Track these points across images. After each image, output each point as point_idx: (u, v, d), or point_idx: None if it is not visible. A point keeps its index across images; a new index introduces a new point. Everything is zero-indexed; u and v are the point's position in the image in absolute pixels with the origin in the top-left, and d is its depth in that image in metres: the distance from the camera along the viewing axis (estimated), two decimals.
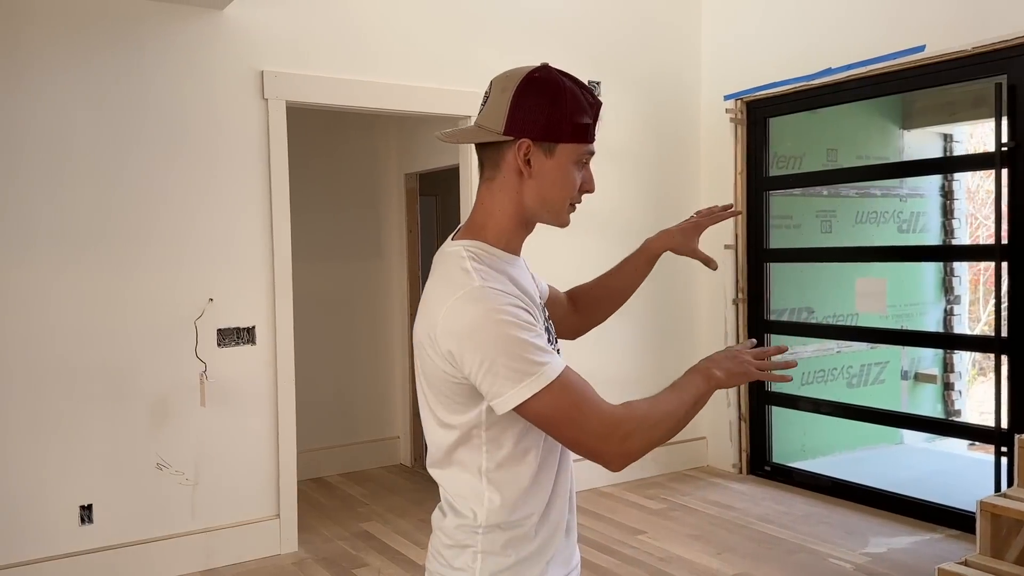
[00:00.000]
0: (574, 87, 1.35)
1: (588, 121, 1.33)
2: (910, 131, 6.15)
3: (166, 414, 3.62)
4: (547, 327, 1.39)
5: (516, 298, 1.27)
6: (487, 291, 1.24)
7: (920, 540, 3.89)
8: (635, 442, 1.25)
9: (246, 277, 3.79)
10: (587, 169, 1.37)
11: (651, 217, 5.05)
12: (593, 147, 1.36)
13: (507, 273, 1.32)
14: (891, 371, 6.03)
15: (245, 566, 3.73)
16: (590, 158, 1.37)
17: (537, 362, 1.21)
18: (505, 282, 1.29)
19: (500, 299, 1.24)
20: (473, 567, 1.32)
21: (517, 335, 1.22)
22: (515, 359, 1.21)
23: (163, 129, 3.60)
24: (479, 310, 1.23)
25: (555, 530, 1.38)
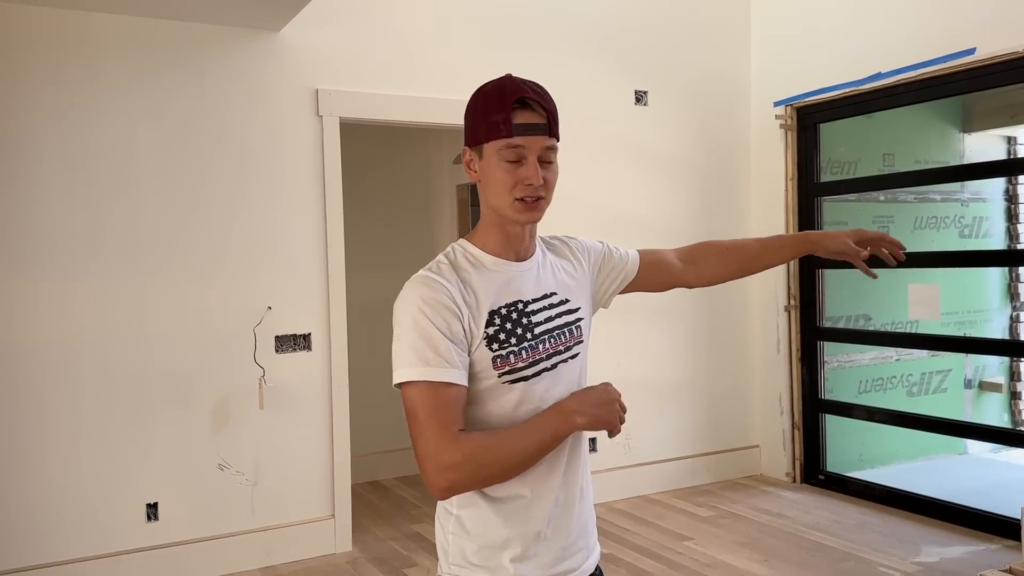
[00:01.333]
0: (494, 86, 1.40)
1: (499, 117, 1.36)
2: (971, 134, 6.01)
3: (227, 417, 3.80)
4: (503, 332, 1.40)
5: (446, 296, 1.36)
6: (426, 278, 1.38)
7: (975, 550, 3.81)
8: (456, 476, 1.28)
9: (302, 286, 3.96)
10: (528, 163, 1.37)
11: (701, 224, 5.07)
12: (514, 140, 1.36)
13: (469, 278, 1.41)
14: (954, 380, 5.89)
15: (301, 564, 3.88)
16: (522, 151, 1.37)
17: (418, 357, 1.31)
18: (458, 283, 1.39)
19: (427, 290, 1.36)
20: (447, 548, 1.46)
21: (417, 323, 1.33)
22: (407, 343, 1.34)
23: (223, 145, 3.80)
24: (408, 291, 1.39)
25: (530, 520, 1.41)
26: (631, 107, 4.85)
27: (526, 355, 1.41)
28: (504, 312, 1.41)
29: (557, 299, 1.50)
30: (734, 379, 5.21)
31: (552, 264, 1.55)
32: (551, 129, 1.39)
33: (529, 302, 1.45)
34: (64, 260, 3.52)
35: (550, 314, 1.47)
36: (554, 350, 1.45)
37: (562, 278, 1.54)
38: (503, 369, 1.39)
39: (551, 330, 1.46)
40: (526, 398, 1.41)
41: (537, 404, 1.41)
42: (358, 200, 5.08)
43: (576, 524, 1.48)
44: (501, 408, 1.40)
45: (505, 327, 1.40)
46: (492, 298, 1.41)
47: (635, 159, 4.86)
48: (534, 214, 1.41)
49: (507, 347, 1.39)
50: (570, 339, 1.49)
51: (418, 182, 5.60)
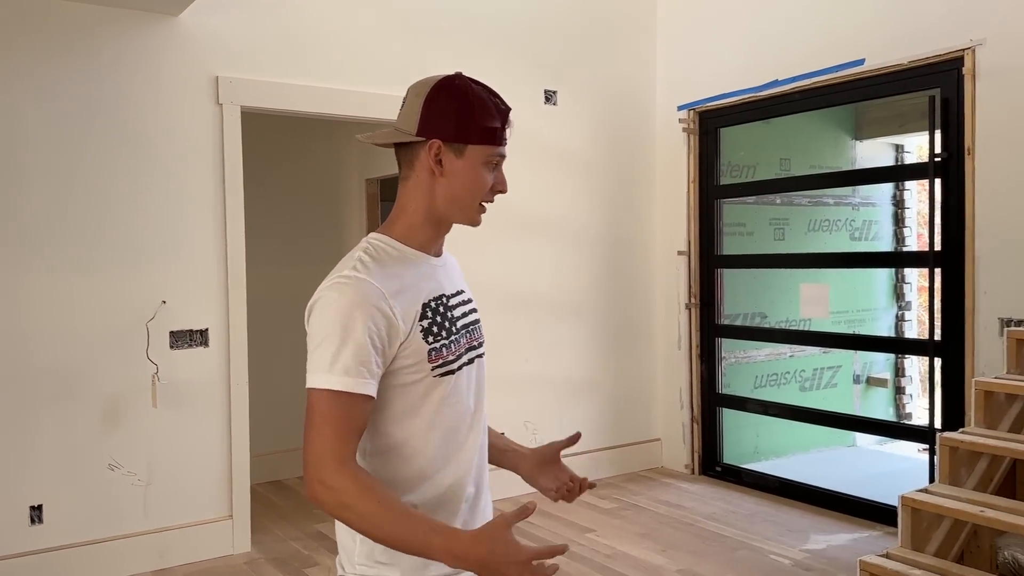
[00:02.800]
0: (483, 93, 1.42)
1: (496, 125, 1.40)
2: (862, 141, 6.32)
3: (118, 415, 3.66)
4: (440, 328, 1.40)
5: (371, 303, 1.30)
6: (355, 280, 1.31)
7: (859, 537, 4.01)
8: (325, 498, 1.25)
9: (200, 280, 3.84)
10: (499, 171, 1.44)
11: (606, 224, 5.16)
12: (503, 150, 1.43)
13: (397, 271, 1.37)
14: (843, 375, 6.18)
15: (197, 565, 3.78)
16: (501, 160, 1.44)
17: (332, 364, 1.27)
18: (382, 277, 1.34)
19: (356, 294, 1.30)
20: (352, 547, 1.40)
21: (340, 333, 1.28)
22: (325, 348, 1.28)
23: (117, 132, 3.66)
24: (334, 295, 1.31)
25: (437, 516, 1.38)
26: (540, 106, 4.89)
27: (455, 348, 1.41)
28: (434, 306, 1.40)
29: (466, 297, 1.53)
30: (637, 375, 5.33)
31: (456, 267, 1.57)
32: None
33: (449, 296, 1.46)
34: None
35: (465, 310, 1.50)
36: (469, 345, 1.47)
37: (463, 282, 1.57)
38: (437, 362, 1.37)
39: (467, 325, 1.48)
40: (450, 393, 1.40)
41: (460, 397, 1.42)
42: (263, 193, 4.97)
43: (482, 520, 1.48)
44: (430, 401, 1.37)
45: (436, 320, 1.39)
46: (424, 291, 1.39)
47: (544, 158, 4.91)
48: (481, 219, 1.47)
49: (440, 340, 1.38)
50: (480, 336, 1.52)
51: (326, 175, 5.51)
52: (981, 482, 3.01)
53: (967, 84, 3.74)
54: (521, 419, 4.76)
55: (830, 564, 3.68)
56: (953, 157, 3.85)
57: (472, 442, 1.46)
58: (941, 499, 2.85)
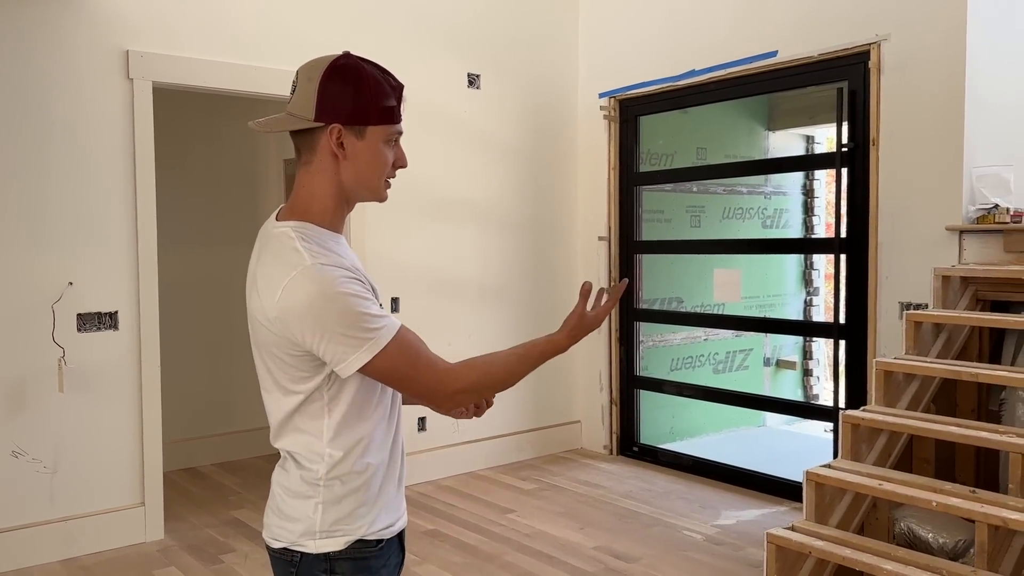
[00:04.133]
0: (376, 72, 1.43)
1: (392, 104, 1.43)
2: (775, 132, 6.53)
3: (22, 401, 3.52)
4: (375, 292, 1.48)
5: (347, 271, 1.37)
6: (320, 268, 1.34)
7: (767, 512, 4.18)
8: (464, 397, 1.47)
9: (108, 261, 3.71)
10: (398, 147, 1.47)
11: (529, 209, 5.20)
12: (400, 127, 1.46)
13: (334, 250, 1.41)
14: (755, 358, 6.40)
15: (107, 554, 3.67)
16: (399, 137, 1.47)
17: (373, 328, 1.34)
18: (334, 257, 1.39)
19: (333, 274, 1.34)
20: (313, 517, 1.43)
21: (351, 307, 1.33)
22: (352, 328, 1.33)
23: (18, 106, 3.49)
24: (314, 287, 1.32)
25: (388, 480, 1.49)
26: (464, 90, 4.88)
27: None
28: (372, 286, 1.46)
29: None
30: (558, 358, 5.36)
31: None
32: None
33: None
34: None
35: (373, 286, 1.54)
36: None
37: None
38: None
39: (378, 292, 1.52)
40: None
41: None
42: (177, 172, 4.81)
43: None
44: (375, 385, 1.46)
45: (375, 297, 1.44)
46: (360, 271, 1.44)
47: (467, 142, 4.91)
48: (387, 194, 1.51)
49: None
50: None
51: (243, 155, 5.38)
52: (880, 457, 3.17)
53: (872, 77, 3.90)
54: None
55: (740, 538, 3.82)
56: (859, 148, 4.02)
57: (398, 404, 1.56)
58: (843, 474, 2.99)
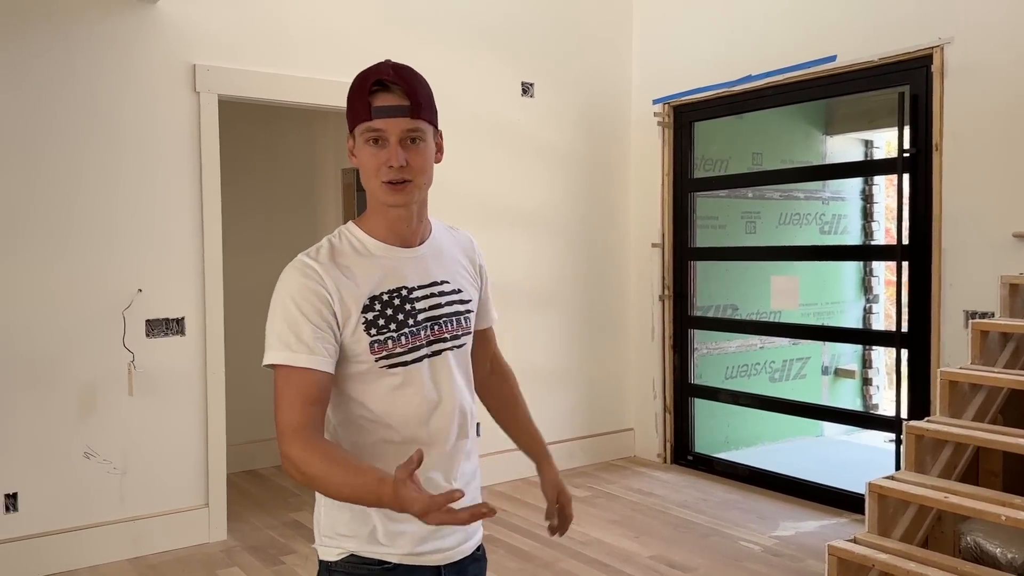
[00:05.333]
0: (361, 72, 1.42)
1: (360, 100, 1.39)
2: (832, 137, 6.43)
3: (94, 403, 3.65)
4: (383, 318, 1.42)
5: (314, 287, 1.38)
6: (302, 264, 1.41)
7: (827, 524, 4.11)
8: (288, 466, 1.32)
9: (176, 269, 3.83)
10: (392, 145, 1.39)
11: (581, 216, 5.21)
12: (374, 123, 1.39)
13: (350, 262, 1.43)
14: (812, 367, 6.30)
15: (173, 553, 3.78)
16: (381, 134, 1.39)
17: (281, 341, 1.37)
18: (333, 267, 1.41)
19: (301, 276, 1.40)
20: (320, 522, 1.50)
21: (281, 312, 1.38)
22: (274, 326, 1.39)
23: (92, 120, 3.62)
24: (284, 276, 1.43)
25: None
26: (517, 98, 4.92)
27: (405, 341, 1.43)
28: (386, 298, 1.42)
29: (449, 287, 1.52)
30: (611, 365, 5.39)
31: (449, 254, 1.56)
32: (415, 111, 1.39)
33: (413, 288, 1.46)
34: None
35: (437, 301, 1.49)
36: (436, 337, 1.48)
37: (457, 270, 1.56)
38: (380, 354, 1.41)
39: (436, 317, 1.49)
40: (406, 382, 1.43)
41: (420, 388, 1.44)
42: (239, 181, 4.94)
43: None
44: (378, 389, 1.42)
45: (385, 313, 1.42)
46: (374, 284, 1.42)
47: (521, 150, 4.94)
48: (400, 196, 1.41)
49: (385, 332, 1.42)
50: (458, 328, 1.52)
51: (302, 165, 5.50)
52: (945, 469, 3.10)
53: (935, 81, 3.83)
54: None
55: (799, 550, 3.77)
56: (921, 153, 3.95)
57: (437, 434, 1.47)
58: (907, 486, 2.93)
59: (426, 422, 1.45)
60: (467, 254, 1.62)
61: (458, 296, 1.53)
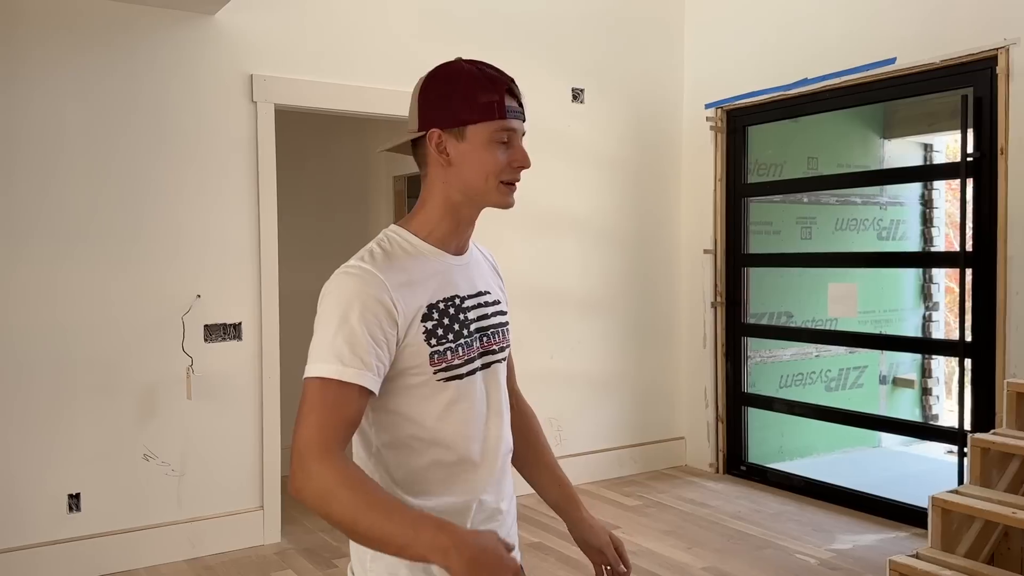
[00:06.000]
0: (475, 69, 1.36)
1: (494, 98, 1.33)
2: (891, 140, 6.28)
3: (153, 407, 3.73)
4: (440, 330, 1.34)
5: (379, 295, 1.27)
6: (361, 271, 1.29)
7: (886, 538, 4.00)
8: (309, 489, 1.18)
9: (233, 275, 3.90)
10: (515, 146, 1.36)
11: (632, 222, 5.17)
12: (510, 123, 1.34)
13: (407, 266, 1.33)
14: (870, 376, 6.15)
15: (229, 555, 3.84)
16: (512, 135, 1.35)
17: (327, 353, 1.24)
18: (393, 272, 1.30)
19: (360, 284, 1.27)
20: (364, 554, 1.35)
21: (337, 322, 1.24)
22: (326, 336, 1.25)
23: (154, 129, 3.72)
24: (336, 284, 1.29)
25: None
26: (568, 104, 4.91)
27: (462, 352, 1.35)
28: (442, 307, 1.35)
29: (491, 298, 1.46)
30: (662, 373, 5.34)
31: (483, 265, 1.51)
32: (525, 115, 1.39)
33: (465, 298, 1.39)
34: None
35: (484, 312, 1.43)
36: (486, 349, 1.42)
37: (492, 280, 1.51)
38: (440, 366, 1.32)
39: (484, 328, 1.42)
40: (460, 396, 1.35)
41: (473, 403, 1.36)
42: (292, 188, 5.03)
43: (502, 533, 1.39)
44: (436, 405, 1.33)
45: (443, 322, 1.34)
46: (432, 291, 1.34)
47: (571, 156, 4.93)
48: (512, 198, 1.38)
49: (445, 343, 1.33)
50: (502, 340, 1.46)
51: (354, 172, 5.57)
52: (1012, 483, 3.00)
53: (1000, 83, 3.72)
54: (545, 415, 4.79)
55: (857, 564, 3.68)
56: (985, 157, 3.83)
57: (489, 452, 1.39)
58: (972, 500, 2.84)
59: (479, 439, 1.37)
60: (493, 268, 1.56)
61: (498, 307, 1.47)
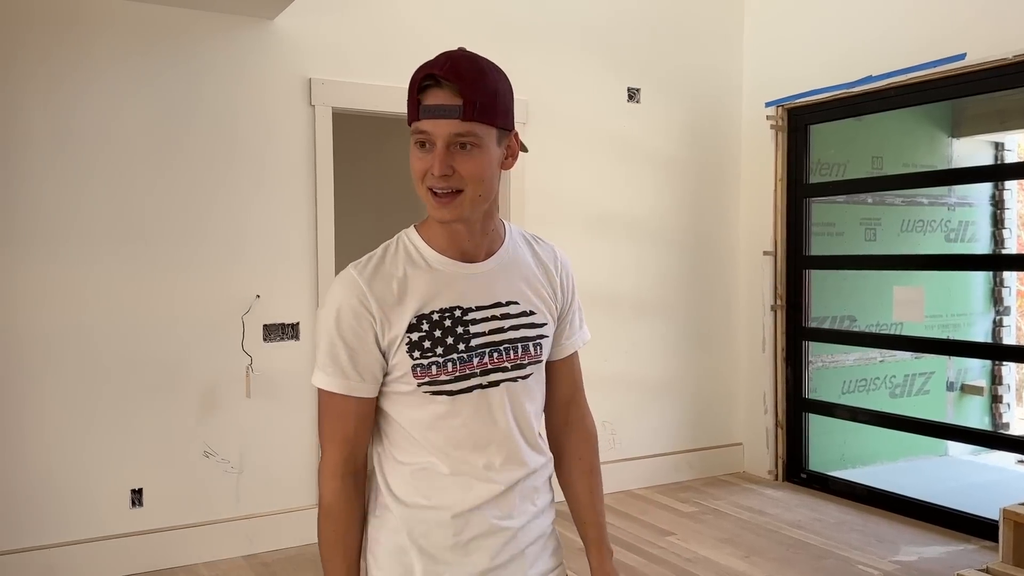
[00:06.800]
0: (418, 68, 1.25)
1: (411, 99, 1.23)
2: (959, 139, 6.07)
3: (214, 404, 3.80)
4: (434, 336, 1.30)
5: (355, 306, 1.27)
6: (348, 278, 1.30)
7: (953, 550, 3.86)
8: (319, 511, 1.35)
9: (291, 275, 3.96)
10: (437, 151, 1.23)
11: (689, 223, 5.10)
12: (421, 124, 1.23)
13: (400, 273, 1.31)
14: (936, 382, 5.95)
15: (285, 552, 3.89)
16: (425, 137, 1.24)
17: (319, 362, 1.30)
18: (379, 279, 1.30)
19: (343, 292, 1.29)
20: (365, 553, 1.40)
21: (326, 329, 1.29)
22: (318, 344, 1.32)
23: (214, 133, 3.79)
24: (331, 288, 1.33)
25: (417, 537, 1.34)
26: (624, 104, 4.86)
27: (452, 368, 1.28)
28: (436, 318, 1.28)
29: (516, 309, 1.35)
30: (719, 377, 5.24)
31: (523, 270, 1.38)
32: (467, 113, 1.20)
33: (470, 309, 1.31)
34: (49, 245, 3.50)
35: (499, 325, 1.33)
36: (495, 366, 1.32)
37: (531, 288, 1.38)
38: (423, 379, 1.28)
39: (495, 343, 1.32)
40: (453, 412, 1.30)
41: (467, 421, 1.30)
42: (348, 190, 5.08)
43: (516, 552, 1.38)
44: (423, 414, 1.30)
45: (433, 335, 1.28)
46: (423, 301, 1.29)
47: (627, 156, 4.88)
48: (447, 210, 1.26)
49: (429, 357, 1.27)
50: (523, 356, 1.35)
51: (407, 173, 5.58)
52: None
53: None
54: (599, 419, 4.71)
55: None
56: None
57: (490, 471, 1.32)
58: None
59: (475, 457, 1.31)
60: (548, 270, 1.42)
61: (528, 319, 1.35)
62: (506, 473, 1.34)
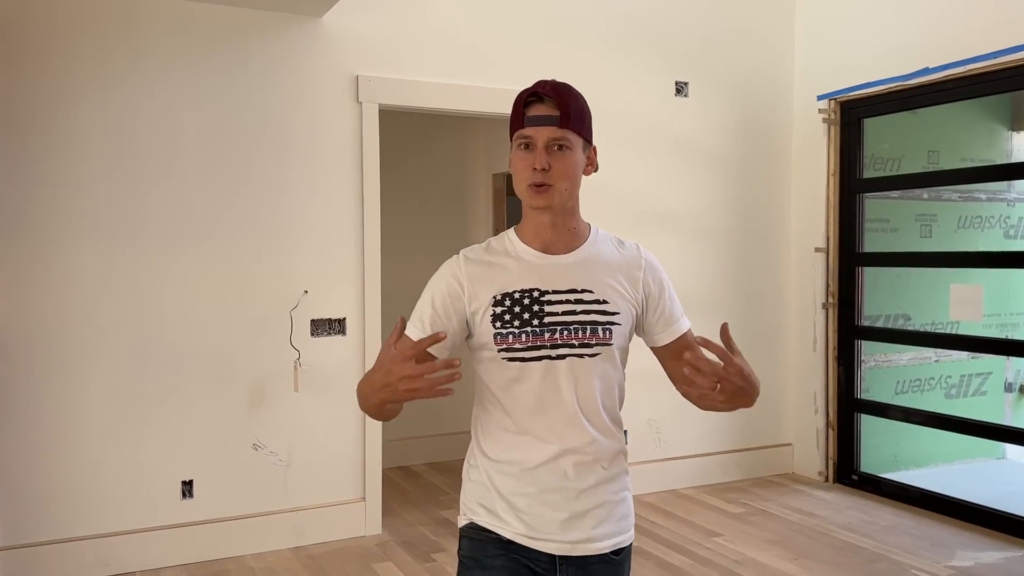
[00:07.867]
0: (524, 89, 1.57)
1: (516, 112, 1.56)
2: (1019, 132, 5.87)
3: (263, 398, 3.85)
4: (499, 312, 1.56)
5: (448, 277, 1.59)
6: (455, 256, 1.63)
7: (1011, 556, 3.74)
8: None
9: (338, 271, 3.99)
10: (538, 150, 1.53)
11: (738, 219, 5.02)
12: (526, 130, 1.54)
13: (493, 260, 1.61)
14: (994, 383, 5.77)
15: (331, 545, 3.93)
16: (529, 140, 1.54)
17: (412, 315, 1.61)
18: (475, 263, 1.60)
19: (446, 265, 1.62)
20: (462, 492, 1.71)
21: (426, 290, 1.61)
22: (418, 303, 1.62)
23: (264, 129, 3.84)
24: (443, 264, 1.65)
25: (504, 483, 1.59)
26: (671, 98, 4.80)
27: (526, 339, 1.53)
28: (517, 296, 1.55)
29: (591, 297, 1.57)
30: (768, 376, 5.15)
31: (604, 267, 1.61)
32: (563, 121, 1.51)
33: (547, 292, 1.56)
34: (106, 240, 3.58)
35: (572, 308, 1.55)
36: (564, 342, 1.54)
37: (609, 282, 1.60)
38: (502, 346, 1.54)
39: (567, 323, 1.55)
40: (523, 376, 1.54)
41: (534, 386, 1.54)
42: (394, 186, 5.10)
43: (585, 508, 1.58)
44: (500, 378, 1.57)
45: (513, 310, 1.54)
46: (509, 282, 1.57)
47: (675, 151, 4.82)
48: (541, 198, 1.54)
49: (508, 328, 1.54)
50: (590, 336, 1.56)
51: (454, 170, 5.61)
52: None
53: None
54: (644, 417, 4.70)
55: None
56: None
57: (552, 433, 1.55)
58: None
59: (539, 419, 1.55)
60: (629, 269, 1.64)
61: (600, 307, 1.57)
62: (566, 438, 1.55)
